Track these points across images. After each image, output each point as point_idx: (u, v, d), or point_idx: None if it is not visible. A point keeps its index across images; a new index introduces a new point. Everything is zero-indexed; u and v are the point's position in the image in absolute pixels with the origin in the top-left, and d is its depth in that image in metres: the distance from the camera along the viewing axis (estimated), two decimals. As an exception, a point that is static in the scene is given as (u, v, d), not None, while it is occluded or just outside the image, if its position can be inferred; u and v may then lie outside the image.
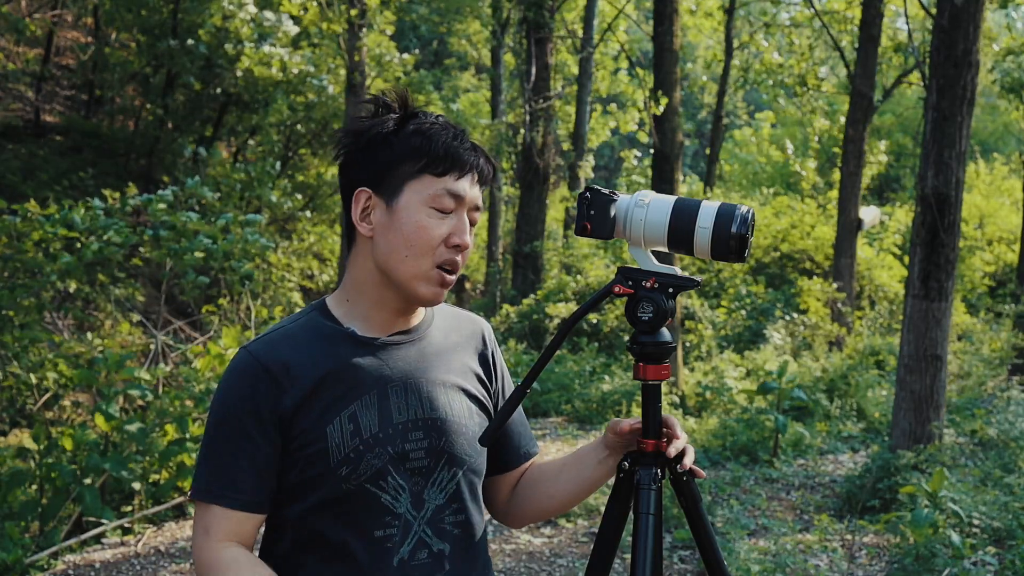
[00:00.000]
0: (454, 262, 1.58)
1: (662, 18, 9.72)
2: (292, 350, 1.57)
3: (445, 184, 1.57)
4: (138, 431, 5.50)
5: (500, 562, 5.10)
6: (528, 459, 1.83)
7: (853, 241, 12.40)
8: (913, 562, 4.60)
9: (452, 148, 1.57)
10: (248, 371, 1.55)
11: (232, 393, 1.55)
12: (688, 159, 29.91)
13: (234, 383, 1.56)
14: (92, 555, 5.01)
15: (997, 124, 23.98)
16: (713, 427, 7.91)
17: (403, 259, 1.56)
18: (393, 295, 1.60)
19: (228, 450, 1.54)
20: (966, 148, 6.17)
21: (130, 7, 12.15)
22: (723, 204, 1.56)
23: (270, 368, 1.54)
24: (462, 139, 1.60)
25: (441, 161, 1.57)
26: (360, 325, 1.61)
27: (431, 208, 1.56)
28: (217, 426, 1.56)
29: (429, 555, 1.59)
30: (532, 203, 14.20)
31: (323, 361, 1.57)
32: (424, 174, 1.57)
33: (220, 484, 1.54)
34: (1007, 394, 8.01)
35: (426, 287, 1.58)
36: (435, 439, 1.61)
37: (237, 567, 1.51)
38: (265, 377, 1.54)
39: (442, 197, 1.56)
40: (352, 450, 1.54)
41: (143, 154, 12.83)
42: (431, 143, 1.57)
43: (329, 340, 1.59)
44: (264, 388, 1.53)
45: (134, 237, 6.17)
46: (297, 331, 1.60)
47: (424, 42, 24.32)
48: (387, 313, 1.62)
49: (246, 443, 1.53)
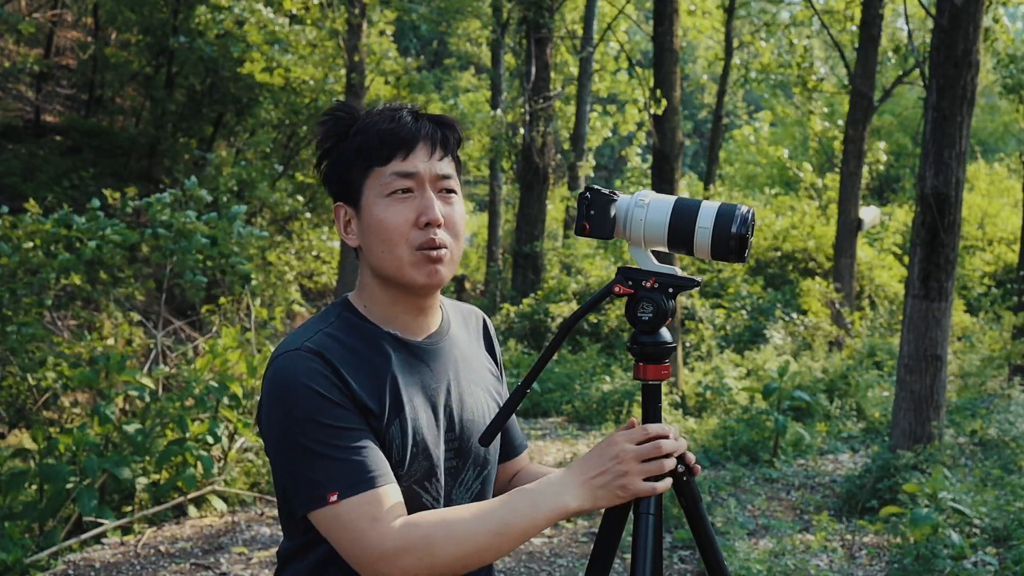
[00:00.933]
0: (431, 240, 1.55)
1: (662, 18, 9.72)
2: (342, 348, 1.54)
3: (392, 168, 1.55)
4: (137, 432, 5.50)
5: (500, 562, 5.11)
6: (522, 451, 1.85)
7: (853, 241, 12.41)
8: (913, 562, 4.60)
9: (387, 132, 1.55)
10: (316, 365, 1.49)
11: (314, 386, 1.48)
12: (688, 159, 29.91)
13: (309, 378, 1.48)
14: (92, 555, 5.01)
15: (997, 124, 23.98)
16: (713, 427, 7.91)
17: (382, 255, 1.56)
18: (397, 293, 1.60)
19: (345, 439, 1.47)
20: (966, 148, 6.17)
21: (131, 6, 12.15)
22: (723, 204, 1.56)
23: (333, 362, 1.51)
24: (400, 118, 1.57)
25: (379, 148, 1.55)
26: (397, 329, 1.61)
27: (388, 197, 1.55)
28: (315, 423, 1.47)
29: None
30: (532, 203, 14.20)
31: (375, 363, 1.55)
32: (371, 168, 1.56)
33: (363, 470, 1.46)
34: (1007, 394, 8.01)
35: (415, 272, 1.56)
36: (464, 440, 1.62)
37: (423, 518, 1.46)
38: (333, 368, 1.50)
39: (393, 182, 1.55)
40: (408, 453, 1.54)
41: (143, 154, 12.83)
42: (367, 136, 1.56)
43: (374, 341, 1.58)
44: (337, 378, 1.50)
45: (134, 236, 6.17)
46: (339, 333, 1.57)
47: (424, 42, 24.32)
48: (408, 314, 1.62)
49: (356, 427, 1.49)
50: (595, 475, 1.46)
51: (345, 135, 1.59)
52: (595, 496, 1.46)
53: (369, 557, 1.44)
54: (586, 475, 1.46)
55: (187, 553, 5.11)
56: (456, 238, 1.60)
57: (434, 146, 1.58)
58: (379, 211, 1.55)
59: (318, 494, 1.45)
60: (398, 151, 1.56)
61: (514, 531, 1.45)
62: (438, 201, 1.57)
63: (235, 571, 4.87)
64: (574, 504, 1.46)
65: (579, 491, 1.46)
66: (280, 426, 1.49)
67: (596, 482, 1.46)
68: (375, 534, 1.43)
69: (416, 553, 1.43)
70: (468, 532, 1.44)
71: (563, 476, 1.48)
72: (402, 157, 1.56)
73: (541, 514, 1.45)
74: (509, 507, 1.46)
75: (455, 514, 1.47)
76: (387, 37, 12.95)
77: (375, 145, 1.56)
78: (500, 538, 1.45)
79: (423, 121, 1.59)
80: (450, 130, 1.62)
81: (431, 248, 1.56)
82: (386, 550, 1.43)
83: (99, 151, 12.83)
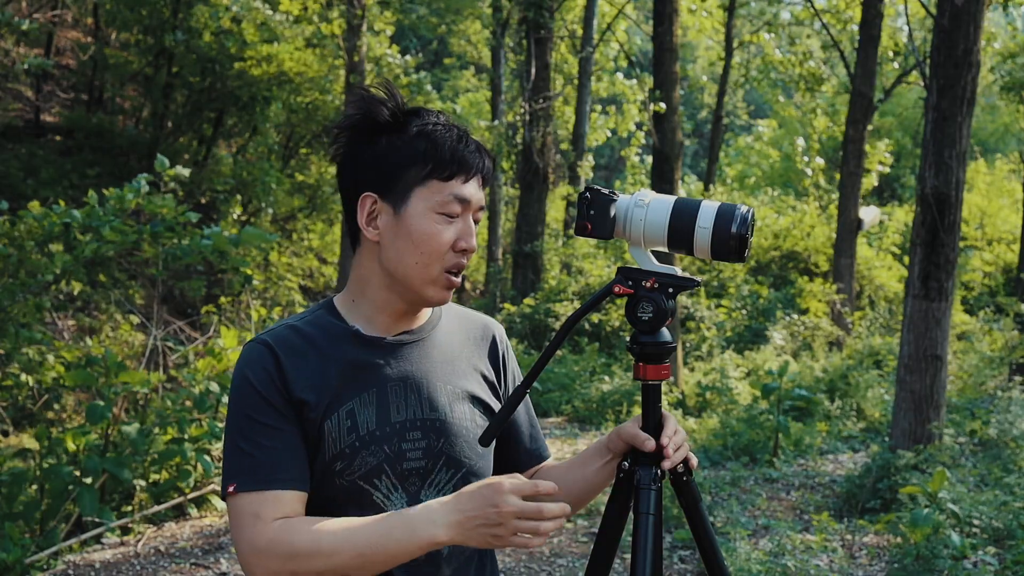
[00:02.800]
0: (460, 265, 1.59)
1: (662, 18, 9.72)
2: (299, 342, 1.58)
3: (452, 189, 1.56)
4: (137, 432, 5.50)
5: (500, 562, 5.09)
6: (539, 460, 1.82)
7: (853, 241, 12.41)
8: (913, 562, 4.60)
9: (458, 152, 1.56)
10: (262, 358, 1.55)
11: (251, 379, 1.54)
12: (688, 159, 29.90)
13: (251, 370, 1.55)
14: (92, 555, 5.01)
15: (997, 124, 23.98)
16: (713, 427, 7.91)
17: (413, 265, 1.57)
18: (399, 297, 1.61)
19: (260, 435, 1.52)
20: (966, 148, 6.17)
21: (131, 6, 12.15)
22: (723, 204, 1.56)
23: (279, 356, 1.55)
24: (467, 140, 1.59)
25: (448, 165, 1.56)
26: (364, 324, 1.62)
27: (439, 214, 1.56)
28: (242, 414, 1.54)
29: (426, 557, 1.58)
30: (532, 203, 14.20)
31: (327, 357, 1.57)
32: (431, 179, 1.56)
33: (263, 469, 1.51)
34: (1007, 394, 8.01)
35: (435, 291, 1.60)
36: (433, 440, 1.60)
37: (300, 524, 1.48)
38: (277, 364, 1.55)
39: (450, 203, 1.56)
40: (348, 446, 1.55)
41: (143, 154, 12.82)
42: (437, 148, 1.56)
43: (334, 338, 1.60)
44: (278, 373, 1.54)
45: (132, 235, 6.15)
46: (304, 327, 1.61)
47: (424, 42, 24.32)
48: (392, 314, 1.63)
49: (275, 425, 1.53)
50: (471, 517, 1.43)
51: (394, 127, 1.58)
52: (466, 536, 1.45)
53: (243, 552, 1.49)
54: (463, 515, 1.44)
55: (187, 553, 5.11)
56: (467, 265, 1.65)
57: (485, 179, 1.62)
58: (426, 224, 1.56)
59: (225, 483, 1.52)
60: (461, 173, 1.57)
61: (381, 555, 1.45)
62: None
63: (235, 571, 4.87)
64: (444, 538, 1.44)
65: (452, 528, 1.44)
66: (227, 416, 1.58)
67: (470, 524, 1.43)
68: (252, 531, 1.48)
69: (280, 558, 1.46)
70: (333, 548, 1.45)
71: (442, 508, 1.46)
72: (462, 181, 1.57)
73: (412, 542, 1.44)
74: (382, 529, 1.45)
75: (328, 526, 1.47)
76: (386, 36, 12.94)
77: (446, 160, 1.56)
78: (364, 560, 1.45)
79: (483, 153, 1.61)
80: (493, 164, 1.65)
81: (457, 272, 1.60)
82: (255, 548, 1.47)
83: (99, 151, 12.82)
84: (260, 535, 1.47)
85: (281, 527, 1.47)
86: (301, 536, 1.46)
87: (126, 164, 12.90)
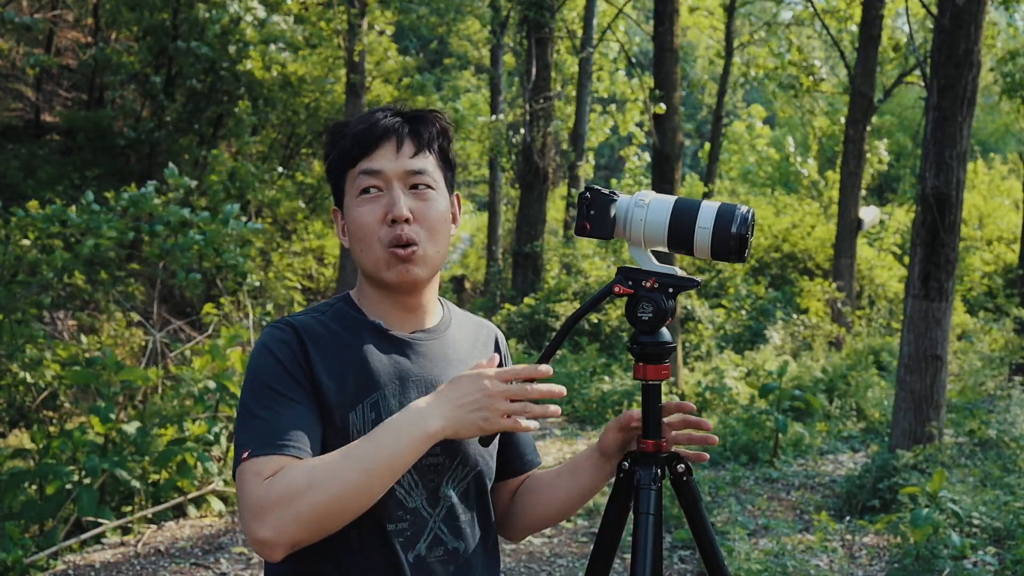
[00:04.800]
0: (398, 237, 1.56)
1: (662, 18, 9.72)
2: (323, 331, 1.58)
3: (360, 168, 1.58)
4: (137, 432, 5.50)
5: (500, 562, 5.10)
6: (531, 467, 1.83)
7: (853, 241, 12.41)
8: (913, 562, 4.60)
9: (355, 134, 1.59)
10: (286, 336, 1.54)
11: (276, 352, 1.53)
12: (688, 159, 29.90)
13: (275, 345, 1.53)
14: (92, 555, 5.01)
15: (997, 124, 23.99)
16: (713, 427, 7.90)
17: (361, 255, 1.59)
18: (385, 292, 1.62)
19: (278, 404, 1.49)
20: (966, 148, 6.17)
21: (131, 7, 12.14)
22: (723, 204, 1.56)
23: (304, 339, 1.55)
24: (374, 119, 1.59)
25: (350, 151, 1.59)
26: (384, 321, 1.63)
27: (359, 197, 1.58)
28: (261, 384, 1.51)
29: (445, 552, 1.59)
30: (532, 203, 14.21)
31: (351, 349, 1.58)
32: (347, 171, 1.60)
33: (276, 435, 1.46)
34: (1007, 394, 8.01)
35: (387, 271, 1.58)
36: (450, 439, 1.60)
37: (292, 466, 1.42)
38: (302, 344, 1.54)
39: (361, 181, 1.58)
40: None
41: (143, 154, 12.82)
42: (344, 141, 1.60)
43: (357, 330, 1.60)
44: (301, 353, 1.53)
45: (131, 233, 6.15)
46: (325, 318, 1.61)
47: (424, 42, 24.33)
48: (397, 311, 1.64)
49: (294, 398, 1.50)
50: (460, 404, 1.43)
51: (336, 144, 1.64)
52: (457, 424, 1.43)
53: (247, 512, 1.41)
54: (451, 403, 1.43)
55: (187, 553, 5.11)
56: (432, 234, 1.59)
57: (401, 141, 1.59)
58: (353, 211, 1.59)
59: (239, 452, 1.46)
60: (365, 151, 1.58)
61: (381, 466, 1.41)
62: (407, 197, 1.57)
63: (235, 571, 4.87)
64: (435, 427, 1.43)
65: (443, 419, 1.43)
66: (243, 388, 1.54)
67: (460, 411, 1.43)
68: (251, 492, 1.41)
69: (280, 507, 1.38)
70: (331, 474, 1.39)
71: (429, 402, 1.45)
72: (368, 156, 1.58)
73: (404, 442, 1.42)
74: (371, 441, 1.43)
75: (318, 460, 1.43)
76: (387, 37, 12.94)
77: (348, 147, 1.59)
78: (367, 475, 1.40)
79: (393, 118, 1.60)
80: (424, 124, 1.62)
81: (398, 246, 1.56)
82: (258, 502, 1.39)
83: (99, 151, 12.81)
84: (256, 493, 1.40)
85: (277, 476, 1.41)
86: (296, 474, 1.40)
87: (126, 164, 12.90)
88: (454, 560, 1.60)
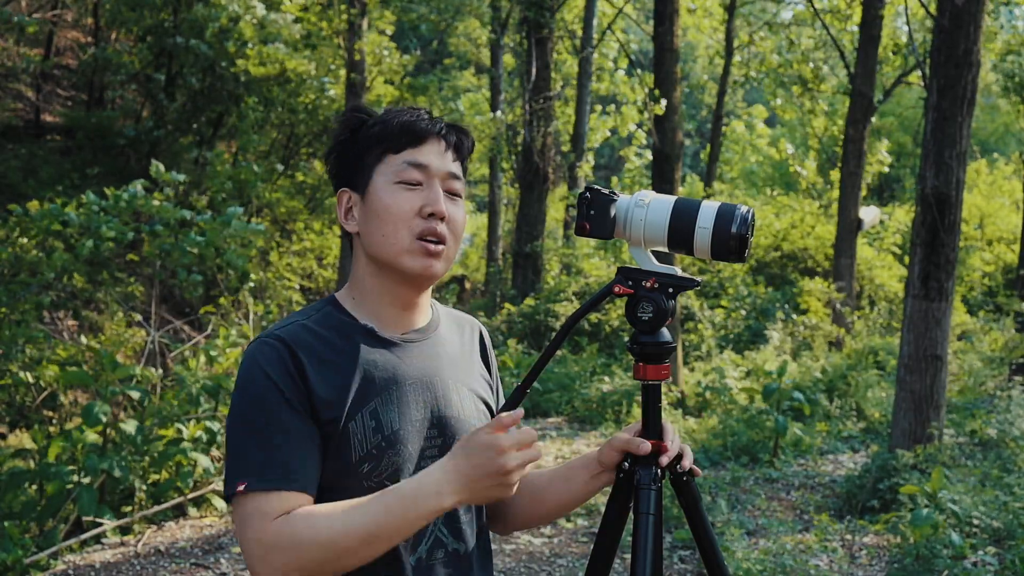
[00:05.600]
0: (433, 231, 1.57)
1: (662, 18, 9.71)
2: (314, 341, 1.55)
3: (405, 157, 1.58)
4: (136, 432, 5.50)
5: (500, 562, 5.10)
6: None
7: (853, 241, 12.41)
8: (913, 562, 4.60)
9: (406, 123, 1.59)
10: (280, 354, 1.51)
11: (269, 373, 1.49)
12: (688, 159, 29.90)
13: (268, 365, 1.50)
14: (92, 555, 5.01)
15: (997, 124, 23.99)
16: (713, 427, 7.90)
17: (383, 239, 1.57)
18: (392, 284, 1.60)
19: (274, 431, 1.47)
20: (966, 148, 6.17)
21: (131, 7, 12.14)
22: (723, 204, 1.56)
23: (297, 352, 1.52)
24: (418, 115, 1.61)
25: (397, 137, 1.58)
26: (374, 322, 1.61)
27: (397, 184, 1.57)
28: (254, 409, 1.49)
29: (445, 554, 1.59)
30: (532, 203, 14.20)
31: (345, 356, 1.56)
32: (386, 155, 1.59)
33: (274, 469, 1.45)
34: (1007, 394, 8.01)
35: (411, 260, 1.57)
36: (448, 437, 1.61)
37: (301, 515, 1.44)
38: (294, 359, 1.51)
39: (405, 170, 1.57)
40: (374, 447, 1.53)
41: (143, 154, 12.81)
42: (386, 126, 1.59)
43: (349, 336, 1.58)
44: (295, 369, 1.50)
45: (130, 233, 6.15)
46: (314, 325, 1.58)
47: (424, 42, 24.33)
48: (394, 308, 1.62)
49: (290, 423, 1.48)
50: (476, 478, 1.42)
51: (362, 127, 1.62)
52: (473, 496, 1.43)
53: (249, 552, 1.44)
54: (467, 478, 1.42)
55: (187, 553, 5.11)
56: (456, 238, 1.61)
57: (448, 145, 1.61)
58: (386, 196, 1.57)
59: (233, 481, 1.47)
60: (414, 141, 1.58)
61: (386, 532, 1.42)
62: (444, 198, 1.59)
63: (235, 571, 4.87)
64: (449, 503, 1.43)
65: (457, 493, 1.42)
66: (233, 408, 1.52)
67: (477, 484, 1.42)
68: (258, 530, 1.43)
69: (285, 551, 1.41)
70: (336, 533, 1.41)
71: (443, 476, 1.43)
72: (415, 147, 1.58)
73: (415, 514, 1.42)
74: (383, 507, 1.43)
75: (327, 511, 1.44)
76: (386, 37, 12.93)
77: (394, 133, 1.58)
78: (371, 540, 1.42)
79: (439, 121, 1.63)
80: (465, 136, 1.65)
81: (431, 239, 1.57)
82: (262, 547, 1.42)
83: (99, 151, 12.81)
84: (264, 533, 1.43)
85: (283, 521, 1.43)
86: (301, 526, 1.42)
87: (126, 164, 12.90)
88: (454, 561, 1.60)
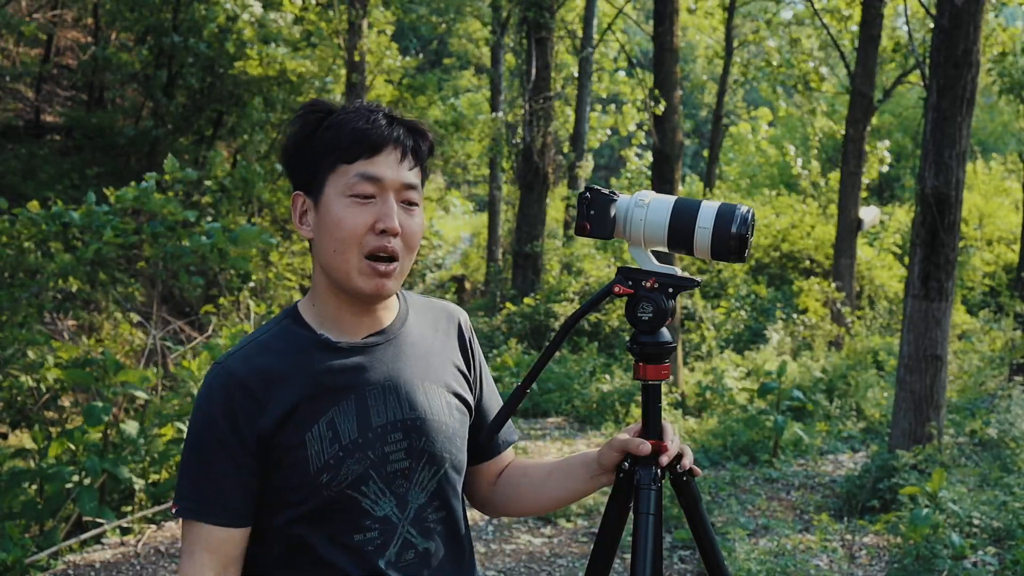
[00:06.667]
0: (384, 248, 1.52)
1: (662, 18, 9.71)
2: (268, 362, 1.54)
3: (358, 169, 1.51)
4: (137, 432, 5.50)
5: (500, 562, 5.10)
6: (507, 447, 1.81)
7: (853, 241, 12.40)
8: (913, 562, 4.60)
9: (359, 131, 1.52)
10: (225, 387, 1.52)
11: (210, 409, 1.52)
12: (688, 159, 29.91)
13: (212, 399, 1.53)
14: (92, 555, 5.01)
15: (997, 124, 23.98)
16: (713, 427, 7.90)
17: (333, 255, 1.53)
18: (345, 294, 1.58)
19: (210, 465, 1.52)
20: (966, 148, 6.17)
21: (131, 7, 12.14)
22: (723, 204, 1.56)
23: (247, 383, 1.52)
24: (375, 119, 1.54)
25: (348, 147, 1.51)
26: (332, 330, 1.59)
27: (349, 197, 1.51)
28: (197, 441, 1.53)
29: (416, 555, 1.58)
30: (532, 203, 14.20)
31: (299, 371, 1.54)
32: (338, 164, 1.52)
33: (205, 501, 1.52)
34: (1007, 394, 8.01)
35: (362, 280, 1.53)
36: (415, 440, 1.59)
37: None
38: (242, 393, 1.52)
39: (358, 184, 1.51)
40: (332, 457, 1.52)
41: (143, 154, 12.81)
42: (339, 132, 1.53)
43: (304, 349, 1.56)
44: (242, 404, 1.51)
45: (132, 235, 6.15)
46: (271, 341, 1.57)
47: (424, 42, 24.33)
48: (352, 314, 1.60)
49: (228, 458, 1.51)
50: None
51: (318, 127, 1.56)
52: None
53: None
54: None
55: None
56: (409, 251, 1.57)
57: (404, 153, 1.55)
58: (338, 210, 1.52)
59: (177, 500, 1.55)
60: (366, 152, 1.52)
61: None
62: (399, 210, 1.54)
63: (235, 571, 4.87)
64: None
65: None
66: (187, 432, 1.57)
67: None
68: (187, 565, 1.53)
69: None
70: None
71: None
72: (368, 158, 1.52)
73: None
74: None
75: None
76: (386, 36, 12.93)
77: (345, 142, 1.52)
78: None
79: (397, 126, 1.55)
80: (422, 139, 1.58)
81: (381, 258, 1.53)
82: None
83: (99, 151, 12.81)
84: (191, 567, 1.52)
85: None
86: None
87: (126, 164, 12.90)
88: (425, 561, 1.59)
